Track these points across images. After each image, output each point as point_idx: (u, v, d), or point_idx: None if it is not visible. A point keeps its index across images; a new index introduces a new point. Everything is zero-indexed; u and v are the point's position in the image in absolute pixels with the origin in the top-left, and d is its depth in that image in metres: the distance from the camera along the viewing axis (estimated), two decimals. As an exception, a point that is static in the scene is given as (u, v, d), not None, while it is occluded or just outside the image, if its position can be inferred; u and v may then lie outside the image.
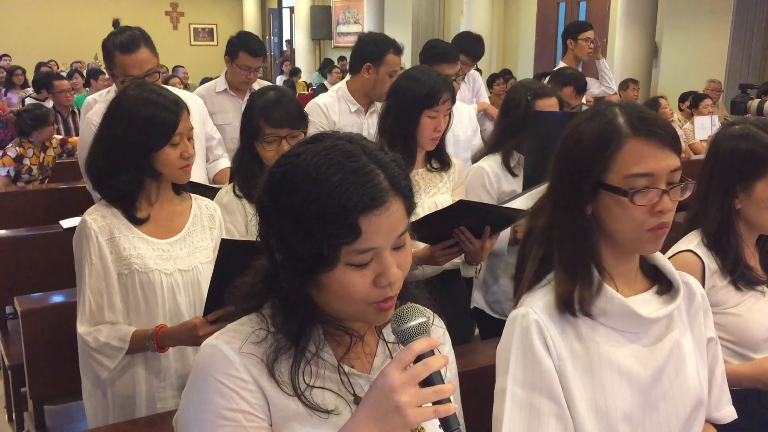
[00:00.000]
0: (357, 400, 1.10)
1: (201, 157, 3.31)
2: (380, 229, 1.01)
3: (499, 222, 2.31)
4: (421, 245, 2.35)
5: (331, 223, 0.99)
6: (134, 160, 1.88)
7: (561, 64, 4.65)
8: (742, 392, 1.75)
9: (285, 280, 1.07)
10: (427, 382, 0.98)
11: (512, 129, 2.68)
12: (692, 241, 1.85)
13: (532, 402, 1.25)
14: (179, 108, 1.91)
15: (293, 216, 1.02)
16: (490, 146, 2.79)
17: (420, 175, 2.47)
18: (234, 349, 1.06)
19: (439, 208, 2.38)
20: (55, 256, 3.08)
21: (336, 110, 3.34)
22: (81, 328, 1.91)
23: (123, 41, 2.82)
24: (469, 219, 2.24)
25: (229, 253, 1.73)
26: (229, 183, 2.34)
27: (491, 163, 2.69)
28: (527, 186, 2.51)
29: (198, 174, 3.11)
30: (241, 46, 3.79)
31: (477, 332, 3.00)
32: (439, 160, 2.51)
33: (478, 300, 2.86)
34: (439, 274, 2.46)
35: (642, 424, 1.28)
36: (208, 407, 1.04)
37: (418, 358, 0.99)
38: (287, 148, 2.15)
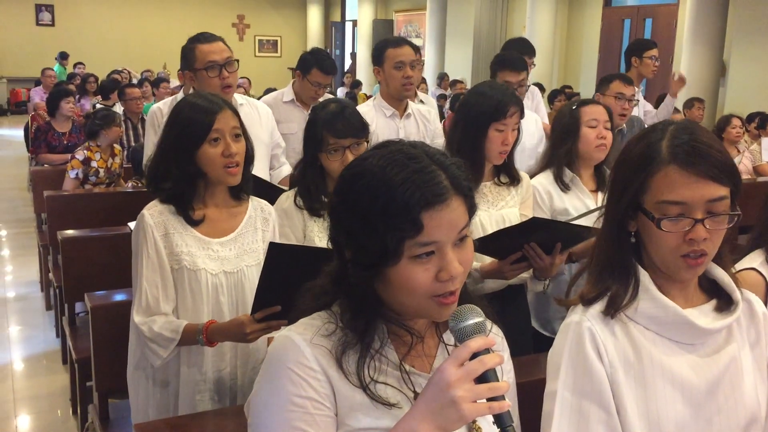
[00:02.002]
0: (417, 397, 1.13)
1: (265, 163, 3.41)
2: (441, 224, 1.07)
3: (569, 238, 2.31)
4: (488, 259, 2.36)
5: (395, 218, 1.06)
6: (178, 161, 1.98)
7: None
8: None
9: (353, 275, 1.14)
10: (482, 379, 1.02)
11: (560, 140, 2.71)
12: (756, 260, 1.82)
13: (581, 408, 1.27)
14: (217, 107, 1.99)
15: (361, 213, 1.09)
16: (541, 164, 2.80)
17: (488, 188, 2.48)
18: (305, 340, 1.13)
19: (507, 221, 2.40)
20: (122, 256, 3.18)
21: (371, 117, 3.40)
22: (137, 318, 2.01)
23: (203, 36, 3.12)
24: (539, 235, 2.24)
25: (277, 256, 1.80)
26: (290, 189, 2.41)
27: (543, 181, 2.71)
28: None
29: None
30: (315, 63, 3.90)
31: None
32: (508, 174, 2.52)
33: (532, 320, 2.86)
34: (503, 289, 2.47)
35: None
36: (279, 393, 1.11)
37: (474, 356, 1.03)
38: (351, 158, 2.23)
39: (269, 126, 3.46)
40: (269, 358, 1.16)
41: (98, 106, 7.66)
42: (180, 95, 3.37)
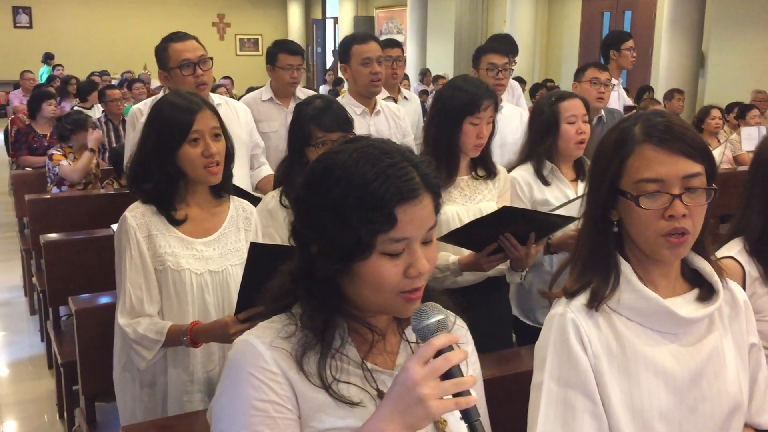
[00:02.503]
0: (380, 394, 1.15)
1: (245, 163, 3.40)
2: (414, 220, 1.08)
3: (543, 228, 2.33)
4: (466, 252, 2.39)
5: (370, 212, 1.06)
6: (158, 161, 1.98)
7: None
8: None
9: (321, 269, 1.13)
10: (448, 375, 1.03)
11: (540, 136, 2.72)
12: (734, 248, 1.84)
13: (567, 398, 1.29)
14: (196, 106, 1.99)
15: (333, 206, 1.09)
16: (521, 157, 2.82)
17: (465, 182, 2.50)
18: (264, 344, 1.13)
19: (484, 214, 2.42)
20: (106, 259, 3.17)
21: None
22: (121, 320, 2.00)
23: (176, 35, 3.11)
24: (514, 226, 2.26)
25: (259, 256, 1.80)
26: (274, 189, 2.41)
27: (522, 173, 2.72)
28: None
29: (243, 181, 3.20)
30: (279, 48, 3.95)
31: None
32: (485, 167, 2.54)
33: (512, 307, 2.89)
34: (482, 281, 2.49)
35: (679, 425, 1.29)
36: (240, 398, 1.11)
37: (439, 353, 1.04)
38: None
39: (248, 126, 3.44)
40: (229, 362, 1.16)
41: (76, 108, 7.59)
42: (161, 96, 3.36)
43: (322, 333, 1.14)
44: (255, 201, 2.50)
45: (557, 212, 2.47)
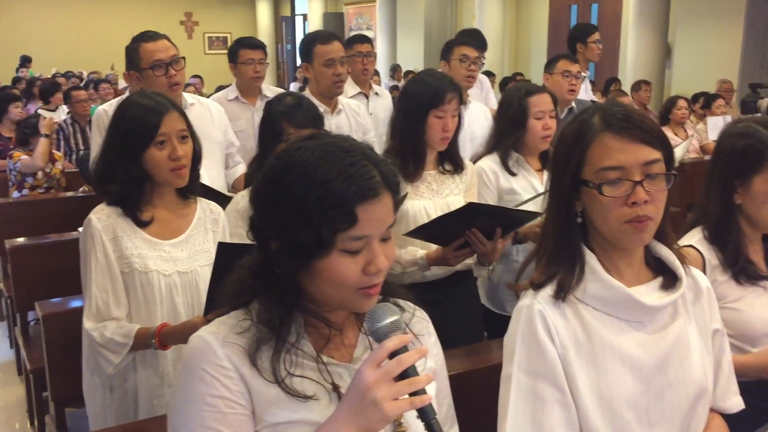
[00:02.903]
0: (335, 387, 1.16)
1: (220, 162, 3.38)
2: (374, 218, 1.09)
3: (509, 223, 2.35)
4: (433, 247, 2.39)
5: (330, 210, 1.07)
6: (123, 164, 1.95)
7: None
8: (755, 384, 1.78)
9: (280, 265, 1.13)
10: (403, 375, 1.04)
11: (507, 129, 2.74)
12: (694, 237, 1.87)
13: (536, 389, 1.30)
14: (163, 108, 1.96)
15: (294, 203, 1.09)
16: (488, 147, 2.85)
17: (432, 177, 2.50)
18: (218, 339, 1.14)
19: (451, 209, 2.42)
20: (73, 262, 3.13)
21: None
22: (87, 324, 1.97)
23: (147, 34, 3.05)
24: (480, 221, 2.28)
25: (226, 256, 1.78)
26: (245, 188, 2.39)
27: (489, 163, 2.75)
28: None
29: (218, 180, 3.19)
30: (239, 45, 3.94)
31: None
32: (452, 162, 2.55)
33: (480, 296, 2.91)
34: (450, 275, 2.50)
35: (646, 412, 1.31)
36: (193, 393, 1.12)
37: (393, 355, 1.05)
38: None
39: (222, 125, 3.41)
40: (184, 359, 1.17)
41: (40, 111, 7.48)
42: (125, 96, 3.31)
43: (278, 328, 1.15)
44: (226, 200, 2.48)
45: (524, 206, 2.49)
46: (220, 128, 3.38)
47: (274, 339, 1.14)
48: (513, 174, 2.74)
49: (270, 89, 4.06)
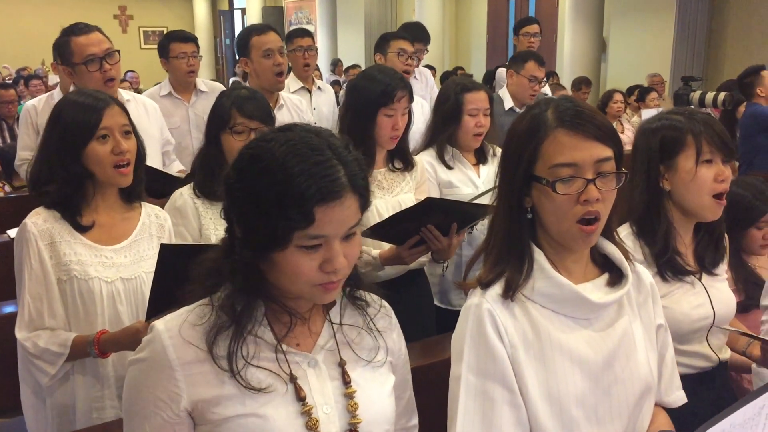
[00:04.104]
0: (293, 378, 1.17)
1: (158, 160, 3.28)
2: (332, 220, 1.09)
3: (464, 218, 2.34)
4: (387, 246, 2.37)
5: (288, 208, 1.07)
6: (63, 161, 1.86)
7: None
8: (698, 376, 1.81)
9: (241, 253, 1.14)
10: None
11: (443, 123, 2.75)
12: (621, 233, 1.79)
13: (485, 389, 1.29)
14: (104, 103, 1.89)
15: (255, 196, 1.10)
16: (425, 142, 2.85)
17: (382, 175, 2.47)
18: (171, 332, 1.16)
19: (403, 207, 2.40)
20: (3, 266, 3.01)
21: None
22: (20, 334, 1.89)
23: (78, 27, 2.90)
24: (435, 217, 2.26)
25: (169, 257, 1.74)
26: (184, 185, 2.32)
27: (426, 157, 2.76)
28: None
29: None
30: (169, 38, 3.85)
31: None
32: (402, 159, 2.52)
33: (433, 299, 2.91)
34: (403, 275, 2.48)
35: (594, 409, 1.31)
36: (136, 392, 1.17)
37: None
38: None
39: (158, 122, 3.32)
40: (135, 354, 1.19)
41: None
42: (57, 92, 3.18)
43: (238, 315, 1.15)
44: (175, 182, 2.43)
45: (479, 200, 2.49)
46: (157, 125, 3.29)
47: (233, 326, 1.15)
48: (450, 167, 2.75)
49: (205, 83, 3.97)
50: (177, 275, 1.23)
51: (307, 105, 3.82)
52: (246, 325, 1.16)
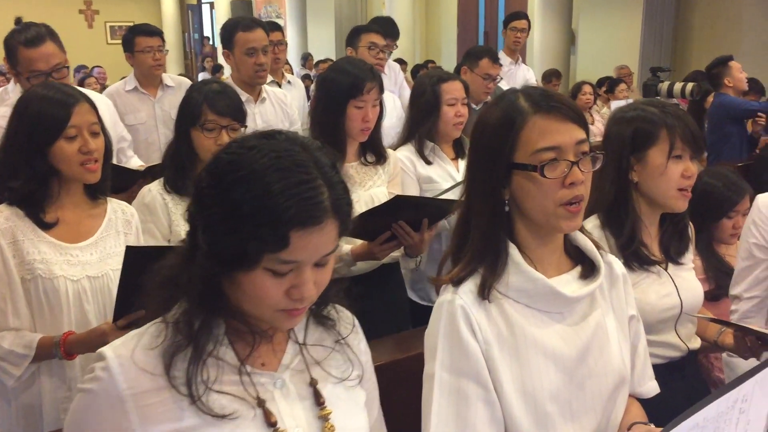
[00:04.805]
0: (260, 402, 1.09)
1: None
2: (308, 246, 1.00)
3: (435, 213, 2.33)
4: (359, 241, 2.35)
5: (262, 227, 0.97)
6: (28, 157, 1.82)
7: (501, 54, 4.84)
8: (667, 366, 1.82)
9: (201, 265, 1.04)
10: None
11: (421, 116, 2.74)
12: (588, 224, 1.81)
13: (459, 387, 1.27)
14: (73, 100, 1.85)
15: (228, 207, 1.00)
16: (403, 137, 2.84)
17: (354, 169, 2.45)
18: (122, 360, 1.04)
19: (376, 201, 2.40)
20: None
21: None
22: None
23: (27, 36, 2.74)
24: (406, 213, 2.25)
25: (135, 260, 1.70)
26: (153, 180, 2.29)
27: (405, 153, 2.74)
28: None
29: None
30: (134, 32, 3.78)
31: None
32: (375, 153, 2.50)
33: (408, 290, 2.90)
34: (376, 269, 2.46)
35: (569, 403, 1.31)
36: (81, 423, 1.07)
37: None
38: (226, 140, 2.14)
39: (111, 119, 3.24)
40: (82, 381, 1.08)
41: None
42: (11, 87, 3.10)
43: (196, 334, 1.05)
44: (137, 176, 2.39)
45: (449, 194, 2.49)
46: (110, 123, 3.23)
47: (191, 346, 1.05)
48: (429, 163, 2.73)
49: (172, 78, 3.92)
50: (143, 277, 1.18)
51: (292, 98, 3.78)
52: (205, 345, 1.06)
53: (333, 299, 1.17)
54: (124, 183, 2.36)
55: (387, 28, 4.38)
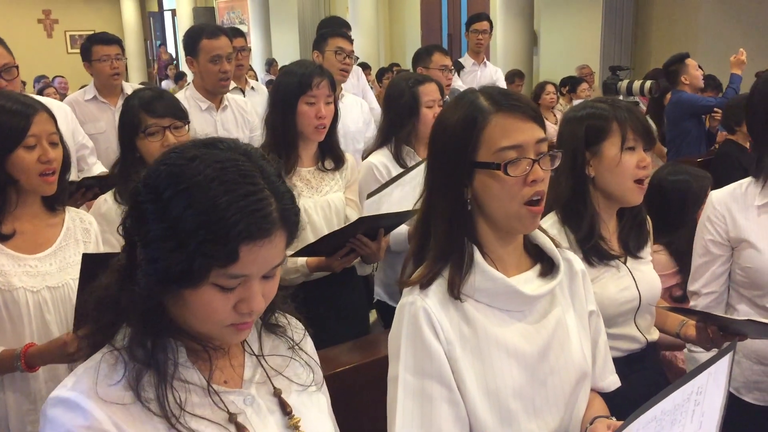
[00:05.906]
0: (232, 418, 1.06)
1: (73, 166, 3.18)
2: (258, 259, 0.98)
3: (392, 224, 2.34)
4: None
5: (209, 243, 0.94)
6: None
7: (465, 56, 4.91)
8: (627, 358, 1.85)
9: (142, 285, 0.99)
10: None
11: (399, 120, 2.72)
12: (546, 222, 1.84)
13: (423, 388, 1.28)
14: (32, 109, 1.83)
15: (170, 222, 0.95)
16: (379, 141, 2.81)
17: (311, 174, 2.43)
18: (88, 393, 0.98)
19: (332, 207, 2.39)
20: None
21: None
22: None
23: None
24: (365, 228, 2.25)
25: (93, 267, 1.67)
26: (108, 191, 2.27)
27: (380, 158, 2.71)
28: None
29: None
30: (91, 41, 3.77)
31: (374, 321, 3.06)
32: (333, 157, 2.48)
33: (380, 293, 2.90)
34: (332, 274, 2.44)
35: (531, 400, 1.32)
36: None
37: None
38: (174, 141, 2.12)
39: (69, 128, 3.20)
40: (48, 422, 0.98)
41: None
42: None
43: (153, 358, 1.00)
44: (98, 181, 2.38)
45: (408, 184, 2.46)
46: (68, 130, 3.19)
47: (152, 370, 1.00)
48: (405, 167, 2.69)
49: (132, 87, 3.88)
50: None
51: (255, 105, 3.77)
52: (165, 367, 1.01)
53: (280, 306, 1.15)
54: (103, 190, 2.35)
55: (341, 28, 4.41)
